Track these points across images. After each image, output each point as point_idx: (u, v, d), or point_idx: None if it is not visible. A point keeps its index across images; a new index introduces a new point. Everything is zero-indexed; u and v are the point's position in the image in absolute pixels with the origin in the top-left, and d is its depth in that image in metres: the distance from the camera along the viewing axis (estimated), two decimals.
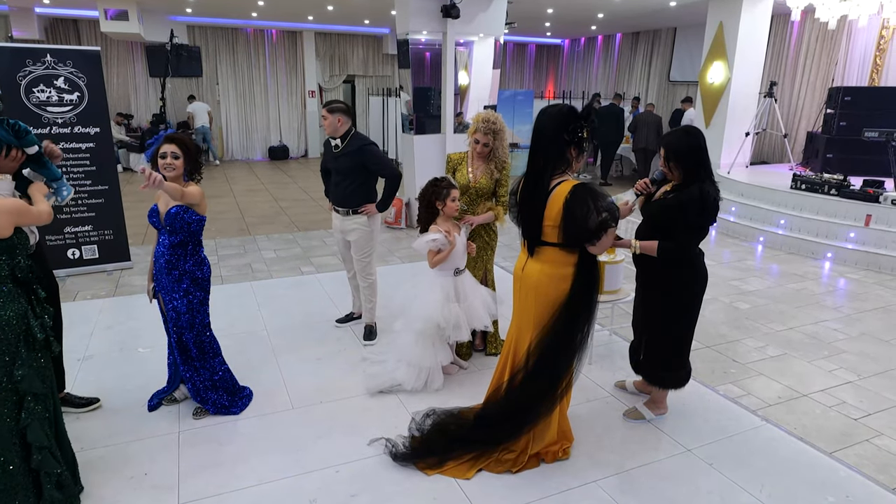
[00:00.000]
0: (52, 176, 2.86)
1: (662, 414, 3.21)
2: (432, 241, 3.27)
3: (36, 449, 2.24)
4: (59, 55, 5.07)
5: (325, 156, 4.15)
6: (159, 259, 2.99)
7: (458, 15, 6.88)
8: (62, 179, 2.92)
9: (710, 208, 2.77)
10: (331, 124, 3.82)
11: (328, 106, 3.83)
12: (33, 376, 2.22)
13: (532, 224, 2.60)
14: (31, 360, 2.23)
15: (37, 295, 2.33)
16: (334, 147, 3.92)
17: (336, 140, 3.88)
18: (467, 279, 3.48)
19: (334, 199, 4.03)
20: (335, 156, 3.93)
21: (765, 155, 10.76)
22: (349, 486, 2.62)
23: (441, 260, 3.32)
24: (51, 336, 2.32)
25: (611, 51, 14.77)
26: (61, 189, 2.91)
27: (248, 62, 13.95)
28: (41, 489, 2.28)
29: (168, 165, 2.87)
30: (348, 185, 3.92)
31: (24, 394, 2.21)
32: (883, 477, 2.77)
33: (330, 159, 4.01)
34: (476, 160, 3.68)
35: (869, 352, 4.13)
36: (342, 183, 3.94)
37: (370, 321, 4.19)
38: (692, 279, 2.94)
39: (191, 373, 3.10)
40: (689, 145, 2.82)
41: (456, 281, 3.40)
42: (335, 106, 3.83)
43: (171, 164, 2.87)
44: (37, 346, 2.27)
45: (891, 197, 6.20)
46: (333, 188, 4.02)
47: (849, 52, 9.65)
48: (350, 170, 3.89)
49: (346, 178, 3.92)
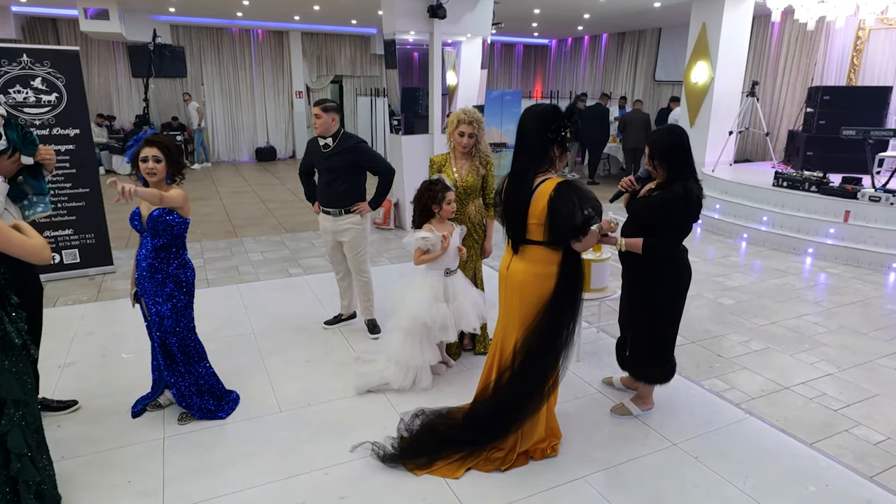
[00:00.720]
0: (39, 190, 2.84)
1: (649, 409, 3.25)
2: (422, 239, 3.28)
3: (15, 456, 2.19)
4: (36, 55, 5.00)
5: (310, 156, 4.08)
6: (142, 263, 2.94)
7: (445, 15, 6.89)
8: (46, 196, 2.89)
9: (694, 206, 2.80)
10: (324, 123, 3.80)
11: (322, 105, 3.80)
12: (12, 382, 2.18)
13: (516, 222, 2.61)
14: (10, 365, 2.19)
15: (9, 300, 2.28)
16: (324, 146, 3.89)
17: (327, 139, 3.86)
18: (459, 280, 3.48)
19: (324, 199, 3.98)
20: (326, 155, 3.89)
21: (748, 153, 10.90)
22: (338, 488, 2.61)
23: (427, 260, 3.33)
24: (28, 340, 2.28)
25: (597, 51, 14.87)
26: (38, 203, 2.86)
27: (233, 62, 13.86)
28: (19, 498, 2.24)
29: (150, 170, 2.81)
30: (340, 185, 3.90)
31: (4, 400, 2.17)
32: (861, 466, 2.83)
33: (319, 159, 3.96)
34: (460, 159, 3.66)
35: (848, 344, 4.20)
36: (334, 183, 3.91)
37: (371, 316, 4.23)
38: (677, 276, 2.97)
39: (175, 378, 3.06)
40: (673, 144, 2.86)
41: (446, 281, 3.41)
42: (329, 105, 3.81)
43: (152, 168, 2.82)
44: (15, 352, 2.22)
45: (868, 193, 6.32)
46: (324, 188, 3.97)
47: (827, 53, 9.81)
48: (342, 169, 3.88)
49: (339, 178, 3.90)
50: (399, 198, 7.47)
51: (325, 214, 4.01)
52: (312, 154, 4.05)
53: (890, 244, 6.03)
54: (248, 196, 9.86)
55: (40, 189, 2.84)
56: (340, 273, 4.23)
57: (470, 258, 3.72)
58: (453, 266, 3.44)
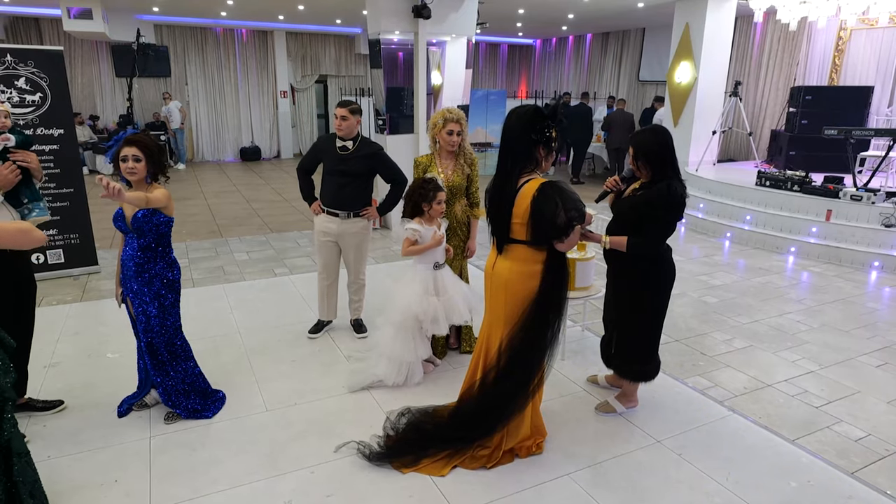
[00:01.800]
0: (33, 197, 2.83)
1: (633, 407, 3.28)
2: (413, 230, 3.32)
3: (17, 456, 2.18)
4: (19, 55, 4.94)
5: (317, 154, 3.98)
6: (128, 262, 2.92)
7: (430, 15, 6.90)
8: (41, 202, 2.89)
9: (677, 205, 2.84)
10: (350, 125, 3.75)
11: (349, 107, 3.74)
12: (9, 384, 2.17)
13: (501, 222, 2.63)
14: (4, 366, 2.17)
15: None
16: (341, 148, 3.81)
17: (346, 141, 3.81)
18: (447, 274, 3.50)
19: (332, 201, 3.89)
20: (343, 157, 3.81)
21: (731, 153, 11.02)
22: (324, 486, 2.62)
23: (414, 252, 3.35)
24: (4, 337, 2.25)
25: (582, 51, 14.95)
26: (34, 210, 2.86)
27: (217, 62, 13.76)
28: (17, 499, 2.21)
29: (130, 170, 2.79)
30: (355, 188, 3.87)
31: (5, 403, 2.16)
32: (842, 462, 2.88)
33: (333, 160, 3.85)
34: (445, 159, 3.66)
35: (830, 342, 4.27)
36: (348, 186, 3.85)
37: (359, 316, 4.24)
38: (660, 274, 3.00)
39: (161, 377, 3.05)
40: (657, 144, 2.88)
41: (436, 275, 3.43)
42: (356, 107, 3.77)
43: (132, 168, 2.79)
44: (9, 352, 2.20)
45: (849, 192, 6.42)
46: (334, 190, 3.87)
47: (809, 53, 9.95)
48: (359, 173, 3.86)
49: (354, 181, 3.86)
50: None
51: (330, 216, 3.92)
52: (323, 153, 3.94)
53: (871, 243, 6.13)
54: (233, 196, 9.80)
55: (35, 196, 2.85)
56: (331, 277, 4.12)
57: (456, 257, 3.74)
58: (442, 260, 3.47)
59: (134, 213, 2.83)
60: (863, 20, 8.92)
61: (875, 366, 3.91)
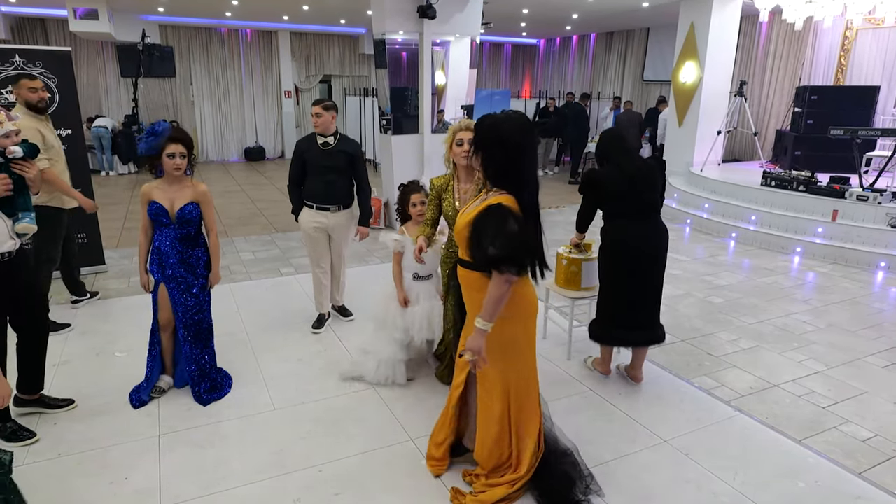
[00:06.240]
0: (24, 206, 2.84)
1: (604, 374, 3.58)
2: (395, 241, 3.42)
3: None
4: (28, 56, 4.96)
5: (301, 158, 4.03)
6: (168, 251, 3.12)
7: (435, 15, 6.90)
8: (31, 213, 2.89)
9: (590, 185, 3.38)
10: (325, 122, 3.91)
11: (323, 104, 3.90)
12: None
13: None
14: None
15: None
16: (323, 144, 3.98)
17: (327, 137, 3.97)
18: (424, 287, 3.48)
19: (323, 197, 4.04)
20: (326, 152, 3.98)
21: (736, 153, 10.99)
22: (333, 485, 2.63)
23: (394, 272, 3.47)
24: None
25: (586, 51, 14.93)
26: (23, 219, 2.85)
27: (222, 62, 13.79)
28: None
29: (177, 166, 3.05)
30: (339, 182, 4.05)
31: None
32: (850, 462, 2.88)
33: (317, 157, 3.99)
34: (464, 182, 3.15)
35: (836, 342, 4.26)
36: (336, 180, 4.03)
37: (342, 302, 4.54)
38: (605, 246, 3.39)
39: (198, 352, 3.28)
40: (601, 146, 3.47)
41: (413, 284, 3.47)
42: (330, 104, 3.95)
43: (179, 164, 3.05)
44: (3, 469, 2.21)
45: (856, 193, 6.40)
46: (322, 187, 4.03)
47: (815, 53, 9.91)
48: (343, 167, 4.03)
49: (340, 176, 4.06)
50: (389, 197, 7.47)
51: (321, 211, 4.06)
52: (306, 152, 4.03)
53: (877, 243, 6.11)
54: (238, 196, 9.82)
55: (26, 205, 2.85)
56: (327, 267, 4.29)
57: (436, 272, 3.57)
58: (422, 273, 3.46)
59: (181, 206, 3.09)
60: (869, 19, 8.89)
61: (882, 366, 3.91)
